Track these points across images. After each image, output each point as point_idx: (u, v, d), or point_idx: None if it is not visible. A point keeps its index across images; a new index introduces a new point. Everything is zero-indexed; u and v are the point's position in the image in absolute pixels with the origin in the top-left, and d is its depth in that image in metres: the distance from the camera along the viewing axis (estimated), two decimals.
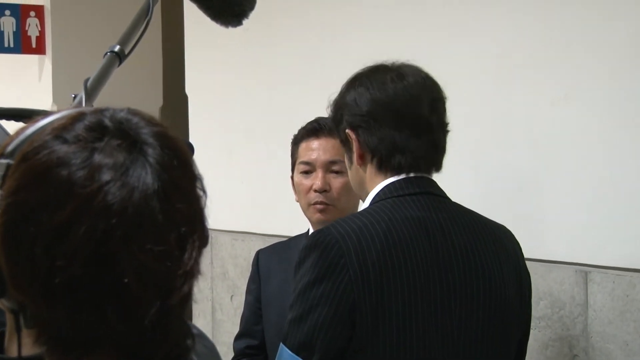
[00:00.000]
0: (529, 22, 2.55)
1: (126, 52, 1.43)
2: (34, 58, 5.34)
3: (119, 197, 0.88)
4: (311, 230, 2.45)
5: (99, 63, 1.40)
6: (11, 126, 1.82)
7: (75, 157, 0.89)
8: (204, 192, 0.97)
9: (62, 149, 0.90)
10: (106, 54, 1.42)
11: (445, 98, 1.91)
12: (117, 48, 1.42)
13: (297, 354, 1.72)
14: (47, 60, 5.27)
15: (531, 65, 2.54)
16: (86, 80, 1.36)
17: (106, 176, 0.88)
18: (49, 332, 0.91)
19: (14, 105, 1.79)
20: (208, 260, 3.90)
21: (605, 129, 2.37)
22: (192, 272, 0.93)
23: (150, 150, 0.92)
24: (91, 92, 1.34)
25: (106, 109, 0.95)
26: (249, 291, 2.58)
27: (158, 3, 1.55)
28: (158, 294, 0.90)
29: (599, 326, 2.34)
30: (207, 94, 4.02)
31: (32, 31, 5.22)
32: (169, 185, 0.91)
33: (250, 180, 3.74)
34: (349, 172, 1.95)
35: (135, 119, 0.95)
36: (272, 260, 2.54)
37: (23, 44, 5.21)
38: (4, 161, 0.92)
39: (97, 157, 0.89)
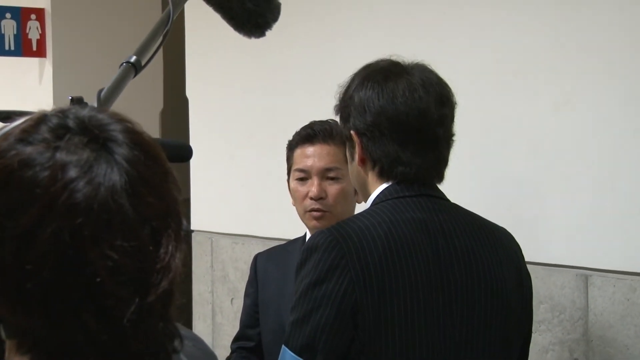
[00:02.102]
0: (530, 27, 2.55)
1: (143, 63, 1.41)
2: (34, 61, 5.34)
3: (83, 195, 0.86)
4: (308, 234, 2.45)
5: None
6: None
7: (39, 158, 0.87)
8: (177, 187, 0.95)
9: (25, 150, 0.88)
10: (122, 64, 1.40)
11: (455, 105, 1.88)
12: (133, 59, 1.40)
13: (300, 356, 1.71)
14: (47, 63, 5.27)
15: (533, 70, 2.54)
16: (100, 91, 1.34)
17: (71, 174, 0.86)
18: (28, 341, 0.89)
19: (14, 109, 1.79)
20: (208, 264, 3.89)
21: (606, 133, 2.37)
22: (170, 268, 0.90)
23: (115, 147, 0.90)
24: (104, 102, 1.32)
25: (69, 109, 0.93)
26: (246, 294, 2.59)
27: (178, 14, 1.53)
28: (135, 291, 0.87)
29: (599, 330, 2.34)
30: (208, 97, 4.02)
31: (33, 34, 5.22)
32: (137, 180, 0.89)
33: (251, 183, 3.74)
34: (350, 166, 1.94)
35: (100, 116, 0.93)
36: (269, 264, 2.54)
37: (24, 47, 5.21)
38: None
39: (59, 156, 0.87)
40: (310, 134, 2.39)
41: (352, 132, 1.85)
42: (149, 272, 0.89)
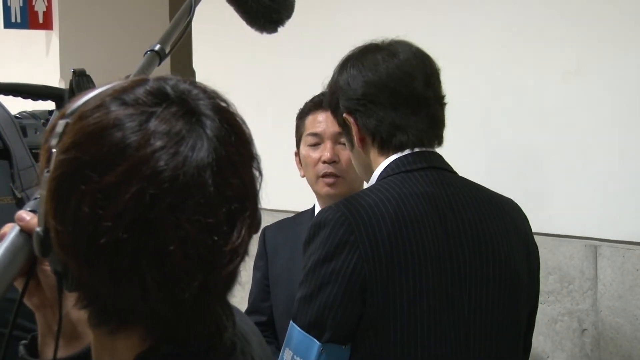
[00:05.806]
0: None
1: (167, 50, 1.43)
2: (41, 33, 5.33)
3: (171, 164, 0.87)
4: (317, 206, 2.44)
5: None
6: (17, 103, 1.81)
7: (131, 120, 0.89)
8: (260, 173, 0.98)
9: (119, 110, 0.90)
10: (146, 52, 1.42)
11: (439, 70, 1.89)
12: (157, 47, 1.43)
13: (308, 332, 1.71)
14: (54, 35, 5.26)
15: (542, 38, 2.52)
16: (126, 77, 1.36)
17: (160, 142, 0.88)
18: (88, 296, 0.92)
19: (21, 81, 1.79)
20: None
21: (616, 102, 2.35)
22: (239, 251, 0.92)
23: (208, 122, 0.92)
24: None
25: (170, 78, 0.95)
26: (256, 268, 2.58)
27: (200, 3, 1.54)
28: (201, 267, 0.89)
29: (608, 300, 2.34)
30: (215, 69, 4.01)
31: (39, 6, 5.21)
32: (224, 159, 0.91)
33: (259, 155, 3.73)
34: (351, 155, 1.94)
35: (196, 91, 0.95)
36: (278, 237, 2.53)
37: (30, 20, 5.20)
38: (64, 120, 0.92)
39: (153, 123, 0.89)
40: (323, 100, 2.39)
41: (344, 114, 1.85)
42: (218, 251, 0.90)
